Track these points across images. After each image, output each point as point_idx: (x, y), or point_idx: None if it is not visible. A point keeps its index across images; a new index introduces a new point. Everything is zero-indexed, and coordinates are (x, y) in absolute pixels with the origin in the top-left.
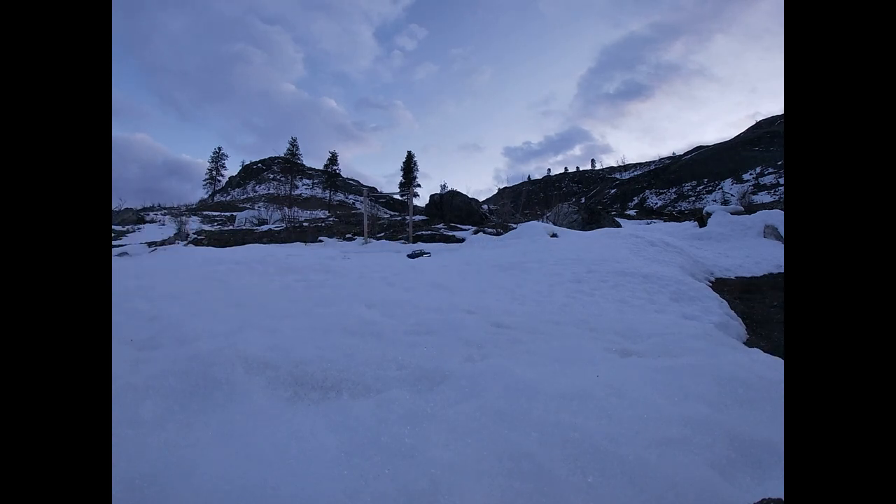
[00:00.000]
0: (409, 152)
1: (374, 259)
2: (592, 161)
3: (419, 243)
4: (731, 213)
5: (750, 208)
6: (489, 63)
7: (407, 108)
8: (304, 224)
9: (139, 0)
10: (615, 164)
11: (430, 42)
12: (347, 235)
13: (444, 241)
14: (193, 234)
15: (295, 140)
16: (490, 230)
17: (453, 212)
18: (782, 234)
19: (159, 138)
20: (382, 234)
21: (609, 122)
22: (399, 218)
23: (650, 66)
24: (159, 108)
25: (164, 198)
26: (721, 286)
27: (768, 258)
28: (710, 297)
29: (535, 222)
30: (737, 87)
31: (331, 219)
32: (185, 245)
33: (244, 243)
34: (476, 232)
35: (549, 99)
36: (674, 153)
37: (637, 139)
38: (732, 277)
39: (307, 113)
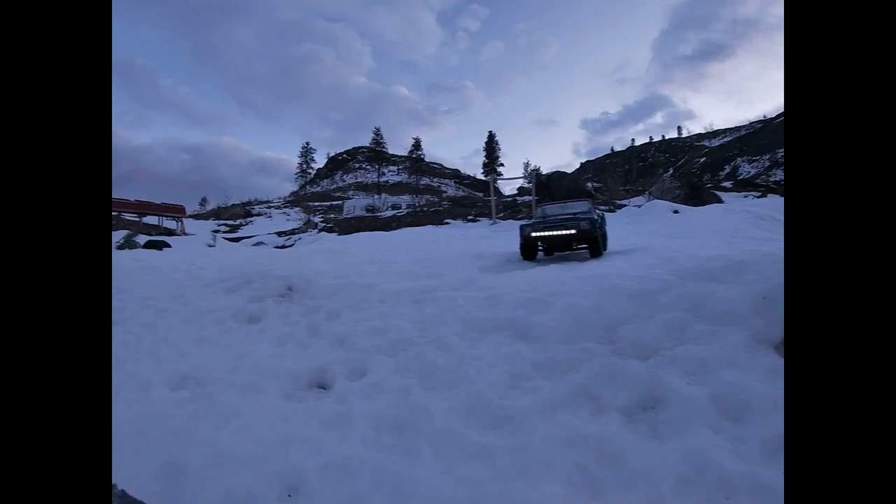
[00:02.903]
0: (490, 132)
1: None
2: (679, 128)
3: None
4: None
5: None
6: (555, 35)
7: (478, 88)
8: (424, 209)
9: (205, 16)
10: (702, 131)
11: (493, 20)
12: (469, 217)
13: None
14: (322, 223)
15: (379, 129)
16: (602, 207)
17: (561, 191)
18: None
19: (243, 139)
20: (501, 214)
21: (689, 86)
22: (511, 199)
23: (726, 22)
24: (240, 113)
25: (254, 193)
26: None
27: None
28: None
29: (655, 201)
30: None
31: (444, 203)
32: (317, 232)
33: (373, 228)
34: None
35: (623, 66)
36: (764, 116)
37: (722, 102)
38: None
39: (380, 102)
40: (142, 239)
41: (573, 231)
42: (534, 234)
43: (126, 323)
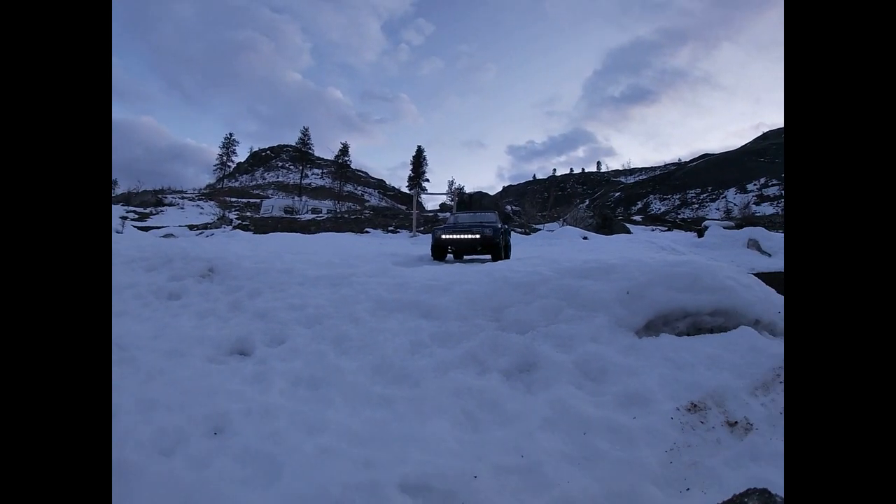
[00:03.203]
0: (419, 147)
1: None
2: (598, 163)
3: None
4: (724, 228)
5: (748, 219)
6: (494, 61)
7: (412, 101)
8: (345, 215)
9: None
10: (620, 168)
11: (437, 37)
12: (389, 228)
13: None
14: (237, 220)
15: (307, 129)
16: (519, 230)
17: (481, 210)
18: (762, 247)
19: (164, 121)
20: (422, 228)
21: (613, 126)
22: (432, 214)
23: (656, 70)
24: (165, 92)
25: (168, 181)
26: None
27: (746, 262)
28: None
29: (568, 227)
30: (742, 97)
31: (366, 212)
32: (231, 229)
33: (291, 230)
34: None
35: (554, 99)
36: (679, 159)
37: (641, 144)
38: None
39: (312, 102)
40: None
41: (478, 236)
42: (444, 237)
43: None
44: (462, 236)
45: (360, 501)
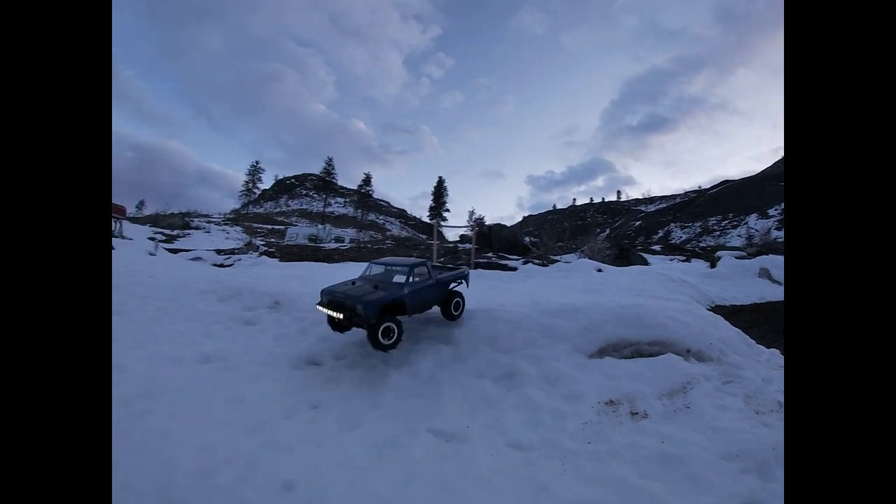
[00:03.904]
0: (440, 178)
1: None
2: (618, 192)
3: (478, 269)
4: (736, 258)
5: (768, 245)
6: (512, 94)
7: (432, 133)
8: (368, 245)
9: (178, 14)
10: (640, 197)
11: (457, 71)
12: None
13: (499, 269)
14: (263, 246)
15: (331, 159)
16: (537, 261)
17: (500, 242)
18: (772, 276)
19: (191, 146)
20: (442, 259)
21: (632, 154)
22: (453, 245)
23: (673, 98)
24: (193, 118)
25: (194, 204)
26: (717, 309)
27: (756, 292)
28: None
29: (583, 259)
30: (759, 121)
31: (388, 242)
32: (258, 256)
33: (315, 259)
34: (525, 262)
35: (572, 130)
36: (699, 186)
37: (660, 172)
38: (727, 304)
39: (336, 133)
40: None
41: (341, 315)
42: (317, 306)
43: (131, 314)
44: (328, 311)
45: (405, 441)
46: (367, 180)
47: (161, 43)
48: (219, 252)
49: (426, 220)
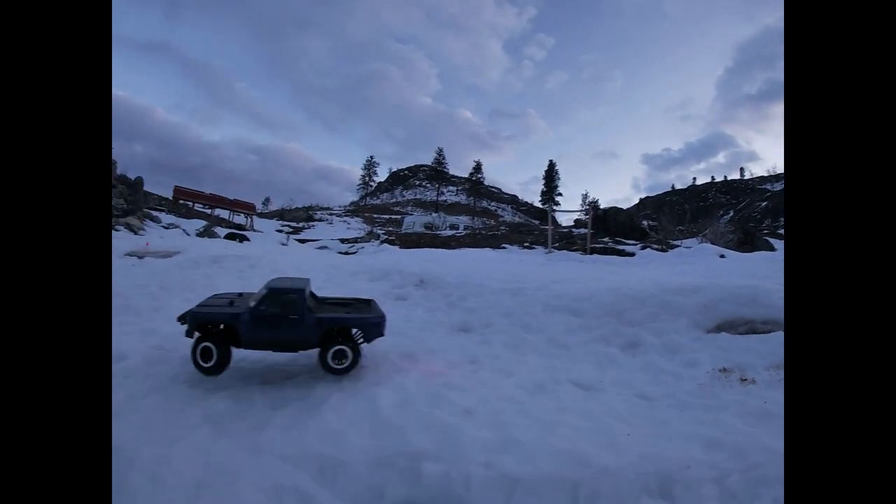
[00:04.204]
0: (550, 161)
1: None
2: (741, 170)
3: (594, 255)
4: None
5: None
6: (619, 68)
7: (540, 116)
8: (482, 231)
9: (281, 28)
10: (765, 174)
11: (559, 50)
12: (525, 244)
13: (616, 255)
14: (383, 235)
15: (441, 150)
16: (655, 246)
17: (616, 226)
18: None
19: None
20: (557, 244)
21: (753, 127)
22: (567, 230)
23: None
24: (307, 121)
25: (315, 199)
26: None
27: None
28: None
29: (705, 245)
30: None
31: (502, 228)
32: (380, 244)
33: (433, 246)
34: (643, 248)
35: (686, 103)
36: None
37: None
38: None
39: (443, 123)
40: (218, 230)
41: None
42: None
43: None
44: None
45: (550, 387)
46: (478, 167)
47: (269, 55)
48: (342, 241)
49: (538, 205)
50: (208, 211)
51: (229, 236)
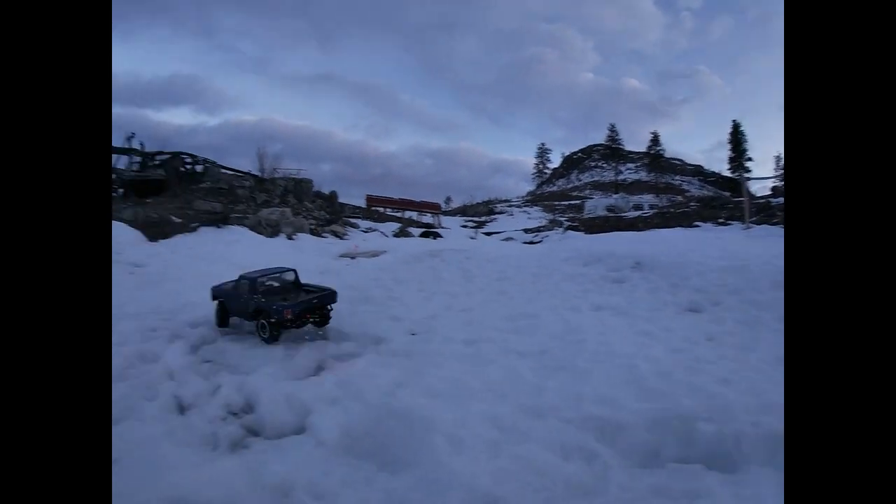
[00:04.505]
0: (734, 122)
1: None
2: None
3: None
4: None
5: None
6: None
7: (712, 72)
8: (671, 210)
9: (427, 35)
10: None
11: None
12: (719, 220)
13: None
14: (566, 222)
15: (614, 126)
16: None
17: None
18: None
19: (479, 143)
20: (755, 218)
21: None
22: (764, 200)
23: None
24: (473, 119)
25: (493, 193)
26: None
27: None
28: None
29: None
30: None
31: (692, 204)
32: (564, 231)
33: (618, 229)
34: None
35: None
36: None
37: None
38: None
39: (610, 97)
40: (411, 230)
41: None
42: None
43: (511, 280)
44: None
45: (567, 308)
46: (656, 139)
47: (423, 63)
48: (526, 231)
49: (727, 173)
50: (399, 214)
51: (424, 234)
